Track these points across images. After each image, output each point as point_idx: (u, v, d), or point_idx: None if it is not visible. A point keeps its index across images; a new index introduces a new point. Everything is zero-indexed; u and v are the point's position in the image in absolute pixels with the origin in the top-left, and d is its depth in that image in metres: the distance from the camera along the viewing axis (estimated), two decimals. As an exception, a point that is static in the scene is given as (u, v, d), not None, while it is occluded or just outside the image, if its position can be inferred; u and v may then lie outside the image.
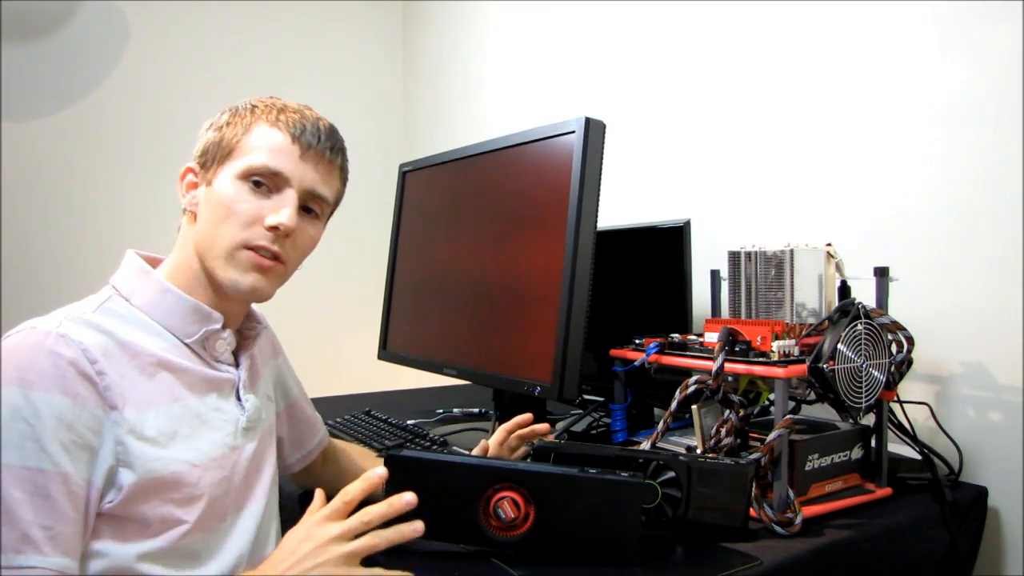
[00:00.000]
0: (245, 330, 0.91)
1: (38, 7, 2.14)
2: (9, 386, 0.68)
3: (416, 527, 0.74)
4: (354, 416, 1.46)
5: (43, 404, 0.68)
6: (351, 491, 0.75)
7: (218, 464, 0.81)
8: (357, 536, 0.73)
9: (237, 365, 0.88)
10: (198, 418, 0.81)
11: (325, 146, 0.85)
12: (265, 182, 0.82)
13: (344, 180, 0.92)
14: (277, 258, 0.83)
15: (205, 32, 2.40)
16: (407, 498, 0.75)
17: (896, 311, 1.05)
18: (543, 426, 1.09)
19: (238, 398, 0.87)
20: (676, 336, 1.12)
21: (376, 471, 0.77)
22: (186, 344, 0.82)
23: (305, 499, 1.09)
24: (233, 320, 0.87)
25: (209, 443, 0.81)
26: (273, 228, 0.81)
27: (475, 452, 1.07)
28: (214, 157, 0.84)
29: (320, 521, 0.74)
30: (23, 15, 2.12)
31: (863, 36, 1.32)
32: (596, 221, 1.09)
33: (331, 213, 0.92)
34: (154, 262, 0.86)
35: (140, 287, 0.82)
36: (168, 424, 0.77)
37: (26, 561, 0.64)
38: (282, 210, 0.81)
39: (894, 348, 1.02)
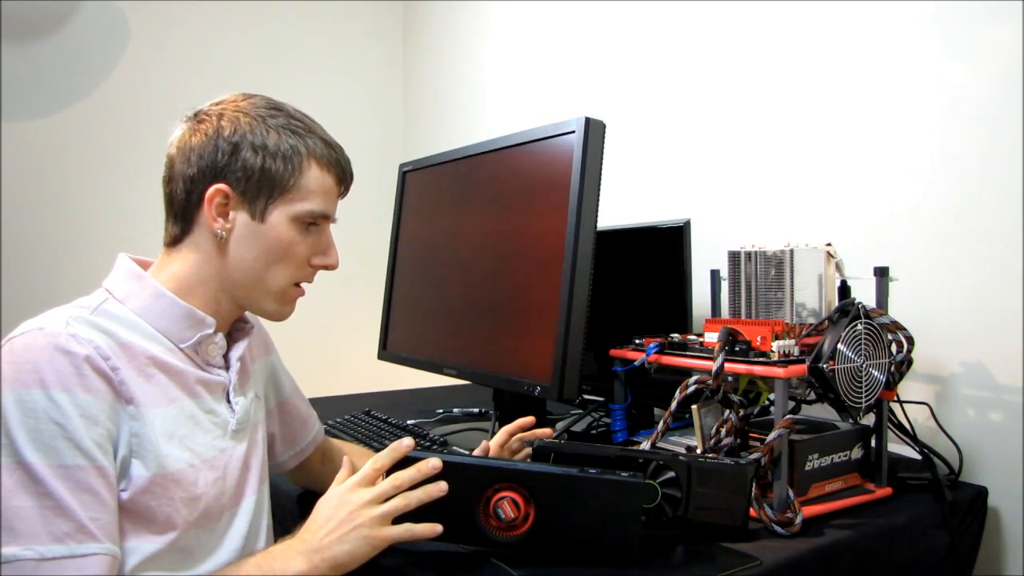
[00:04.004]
0: (235, 332, 0.92)
1: (38, 7, 2.14)
2: (30, 388, 0.68)
3: (441, 487, 0.79)
4: (354, 416, 1.46)
5: (67, 403, 0.69)
6: (381, 459, 0.81)
7: (210, 465, 0.82)
8: (388, 499, 0.78)
9: (227, 367, 0.89)
10: (192, 419, 0.81)
11: (351, 183, 0.91)
12: (315, 222, 0.87)
13: None
14: None
15: (205, 32, 2.40)
16: (433, 462, 0.80)
17: (896, 311, 1.05)
18: (545, 430, 1.09)
19: (228, 400, 0.87)
20: (676, 336, 1.12)
21: (403, 442, 0.82)
22: (180, 348, 0.82)
23: (304, 499, 1.09)
24: (225, 324, 0.88)
25: (203, 445, 0.81)
26: (325, 268, 0.89)
27: (476, 453, 1.07)
28: (260, 190, 0.82)
29: (352, 487, 0.79)
30: (23, 15, 2.12)
31: (863, 36, 1.32)
32: (596, 221, 1.09)
33: None
34: (144, 265, 0.86)
35: (134, 291, 0.81)
36: (167, 424, 0.78)
37: (88, 549, 0.68)
38: (330, 252, 0.89)
39: (894, 348, 1.02)
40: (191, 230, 0.84)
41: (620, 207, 1.75)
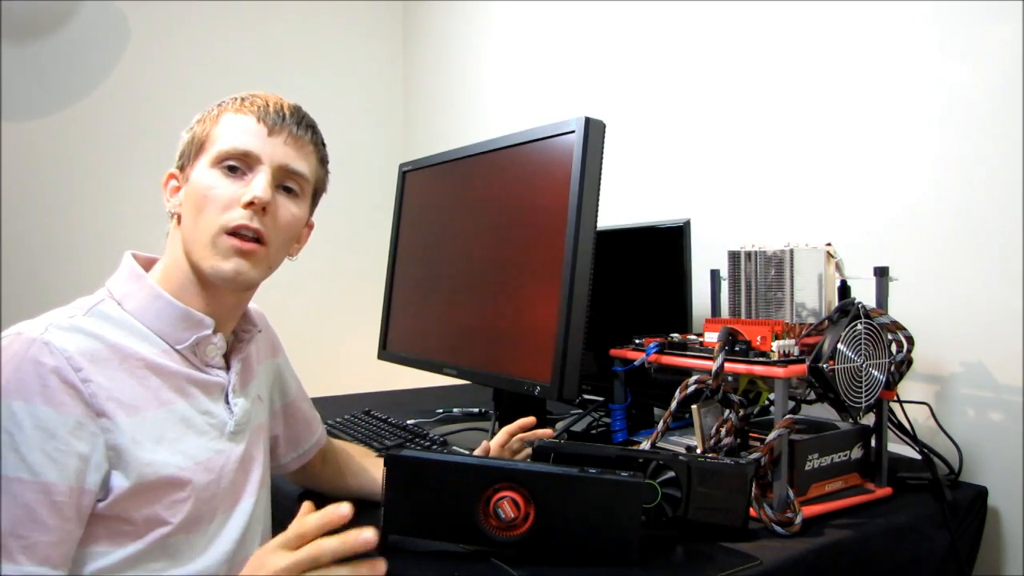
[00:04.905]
0: (240, 332, 0.91)
1: (38, 7, 2.14)
2: None
3: (368, 537, 0.68)
4: (354, 416, 1.46)
5: (24, 414, 0.67)
6: (307, 525, 0.70)
7: (204, 467, 0.81)
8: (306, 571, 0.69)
9: (228, 368, 0.88)
10: (185, 422, 0.80)
11: (292, 122, 0.86)
12: (238, 165, 0.82)
13: (321, 159, 0.91)
14: (259, 239, 0.82)
15: (205, 32, 2.40)
16: (367, 534, 0.68)
17: (896, 311, 1.05)
18: (545, 431, 1.09)
19: (227, 401, 0.86)
20: (676, 336, 1.12)
21: (339, 509, 0.70)
22: (175, 350, 0.81)
23: (304, 499, 1.09)
24: (225, 323, 0.87)
25: (196, 447, 0.81)
26: (248, 204, 0.81)
27: (476, 453, 1.07)
28: (189, 155, 0.85)
29: (273, 549, 0.71)
30: (23, 15, 2.12)
31: (863, 36, 1.32)
32: (596, 221, 1.09)
33: (315, 195, 0.92)
34: (151, 263, 0.86)
35: (132, 292, 0.81)
36: (156, 428, 0.77)
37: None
38: (253, 184, 0.81)
39: (894, 348, 1.02)
40: (169, 229, 0.87)
41: (620, 207, 1.75)
